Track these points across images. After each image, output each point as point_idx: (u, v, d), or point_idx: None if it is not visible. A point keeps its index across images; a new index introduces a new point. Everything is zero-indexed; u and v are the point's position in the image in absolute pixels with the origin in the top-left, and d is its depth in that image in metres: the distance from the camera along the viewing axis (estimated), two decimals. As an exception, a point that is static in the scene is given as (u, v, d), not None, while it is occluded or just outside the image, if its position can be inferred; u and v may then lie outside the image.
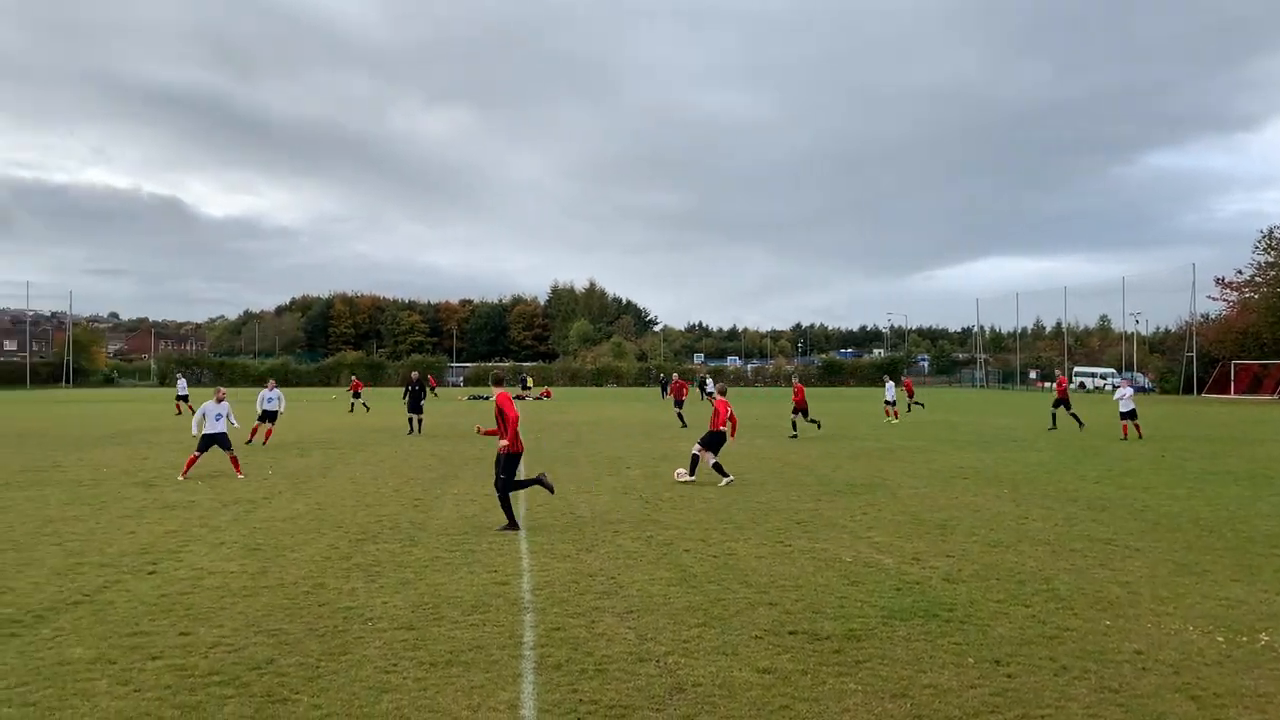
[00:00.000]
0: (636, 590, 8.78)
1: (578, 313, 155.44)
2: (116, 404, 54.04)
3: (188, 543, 11.15)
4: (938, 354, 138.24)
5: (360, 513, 13.43)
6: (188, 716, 5.61)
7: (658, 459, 21.42)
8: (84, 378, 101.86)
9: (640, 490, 15.91)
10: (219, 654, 6.83)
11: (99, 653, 6.85)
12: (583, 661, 6.66)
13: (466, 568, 9.75)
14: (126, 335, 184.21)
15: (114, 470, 18.91)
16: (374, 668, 6.52)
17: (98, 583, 9.07)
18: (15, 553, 10.53)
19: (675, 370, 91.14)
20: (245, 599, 8.47)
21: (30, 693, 6.00)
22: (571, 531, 11.91)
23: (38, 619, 7.79)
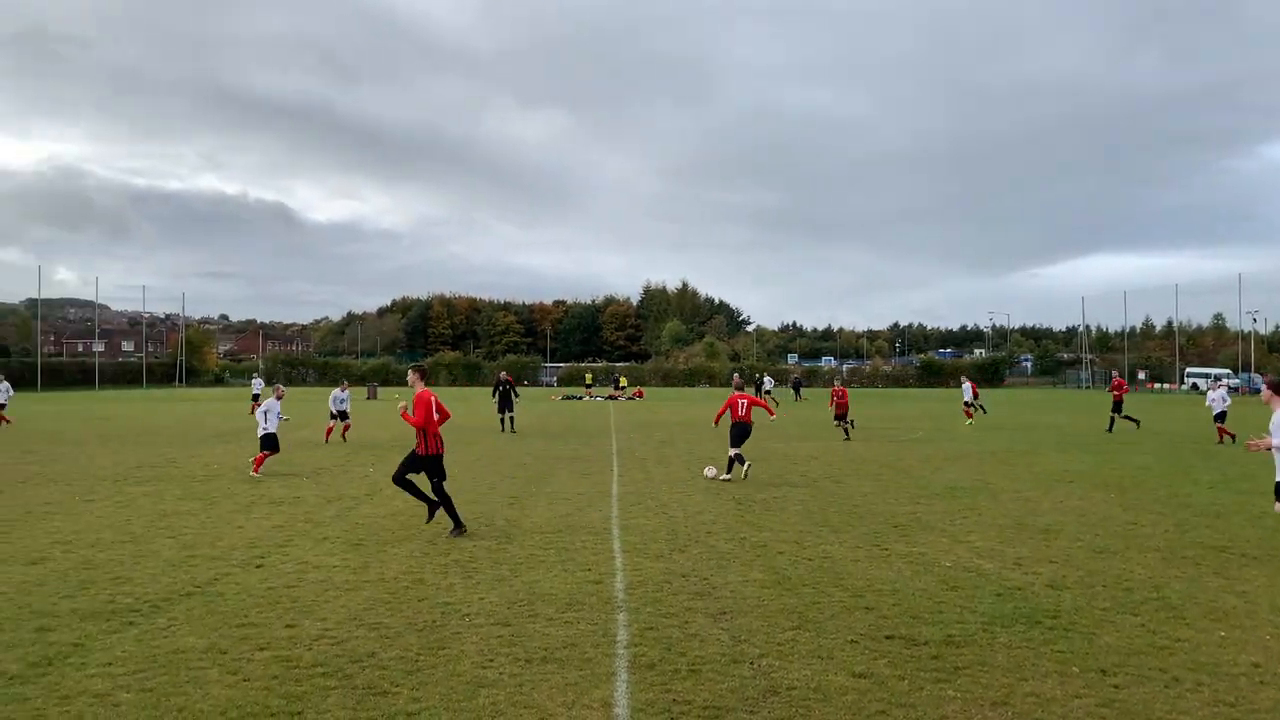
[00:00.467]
0: (730, 592, 8.74)
1: (670, 313, 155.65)
2: (226, 403, 56.07)
3: (293, 537, 11.50)
4: (1041, 354, 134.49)
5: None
6: (293, 706, 5.78)
7: (751, 459, 21.29)
8: (196, 377, 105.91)
9: (733, 491, 15.84)
10: (323, 646, 7.02)
11: (210, 642, 7.11)
12: (676, 662, 6.66)
13: (560, 566, 9.84)
14: (236, 336, 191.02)
15: (224, 467, 19.62)
16: (471, 663, 6.62)
17: (209, 575, 9.42)
18: (133, 545, 11.01)
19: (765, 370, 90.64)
20: (347, 593, 8.70)
21: (147, 679, 6.27)
22: (664, 532, 11.92)
23: (154, 608, 8.12)
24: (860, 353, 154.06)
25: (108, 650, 6.89)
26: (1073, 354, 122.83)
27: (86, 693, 5.98)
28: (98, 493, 15.55)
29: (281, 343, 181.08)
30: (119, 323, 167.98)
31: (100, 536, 11.52)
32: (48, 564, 9.90)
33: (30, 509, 13.75)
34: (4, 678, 6.25)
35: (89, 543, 11.11)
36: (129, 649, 6.93)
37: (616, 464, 20.43)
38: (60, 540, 11.26)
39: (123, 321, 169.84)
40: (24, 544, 11.02)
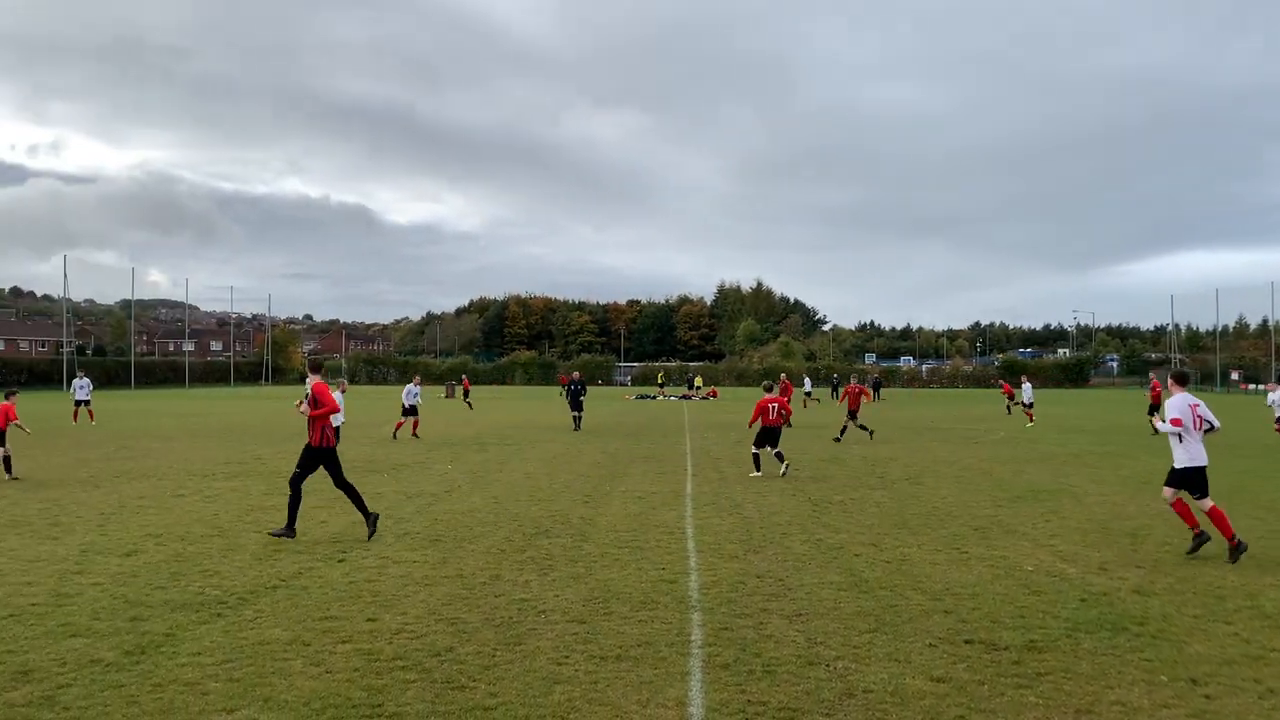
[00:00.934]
0: (805, 593, 8.68)
1: (744, 312, 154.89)
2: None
3: (374, 532, 11.71)
4: (1128, 354, 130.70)
5: (534, 507, 13.80)
6: (374, 699, 5.89)
7: (827, 461, 21.12)
8: (281, 375, 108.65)
9: (809, 493, 15.72)
10: (402, 640, 7.15)
11: (294, 634, 7.29)
12: (751, 662, 6.64)
13: (635, 564, 9.87)
14: (320, 336, 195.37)
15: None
16: (547, 659, 6.68)
17: (293, 568, 9.66)
18: (221, 539, 11.34)
19: (840, 370, 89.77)
20: (426, 588, 8.84)
21: (235, 669, 6.45)
22: (739, 532, 11.88)
23: (241, 601, 8.36)
24: (940, 352, 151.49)
25: (197, 640, 7.11)
26: (1161, 354, 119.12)
27: (177, 681, 6.18)
28: (187, 488, 16.06)
29: (363, 342, 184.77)
30: (208, 323, 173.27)
31: (190, 530, 11.90)
32: (141, 556, 10.26)
33: (124, 503, 14.26)
34: (101, 665, 6.50)
35: (179, 536, 11.48)
36: (217, 639, 7.15)
37: (690, 464, 20.42)
38: (152, 533, 11.66)
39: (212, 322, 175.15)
40: (119, 536, 11.44)
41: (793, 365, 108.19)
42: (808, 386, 55.93)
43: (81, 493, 15.36)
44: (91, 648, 6.90)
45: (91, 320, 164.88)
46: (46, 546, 10.78)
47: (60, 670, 6.38)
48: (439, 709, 5.71)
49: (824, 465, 20.02)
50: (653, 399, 63.37)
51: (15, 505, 13.90)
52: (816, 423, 35.39)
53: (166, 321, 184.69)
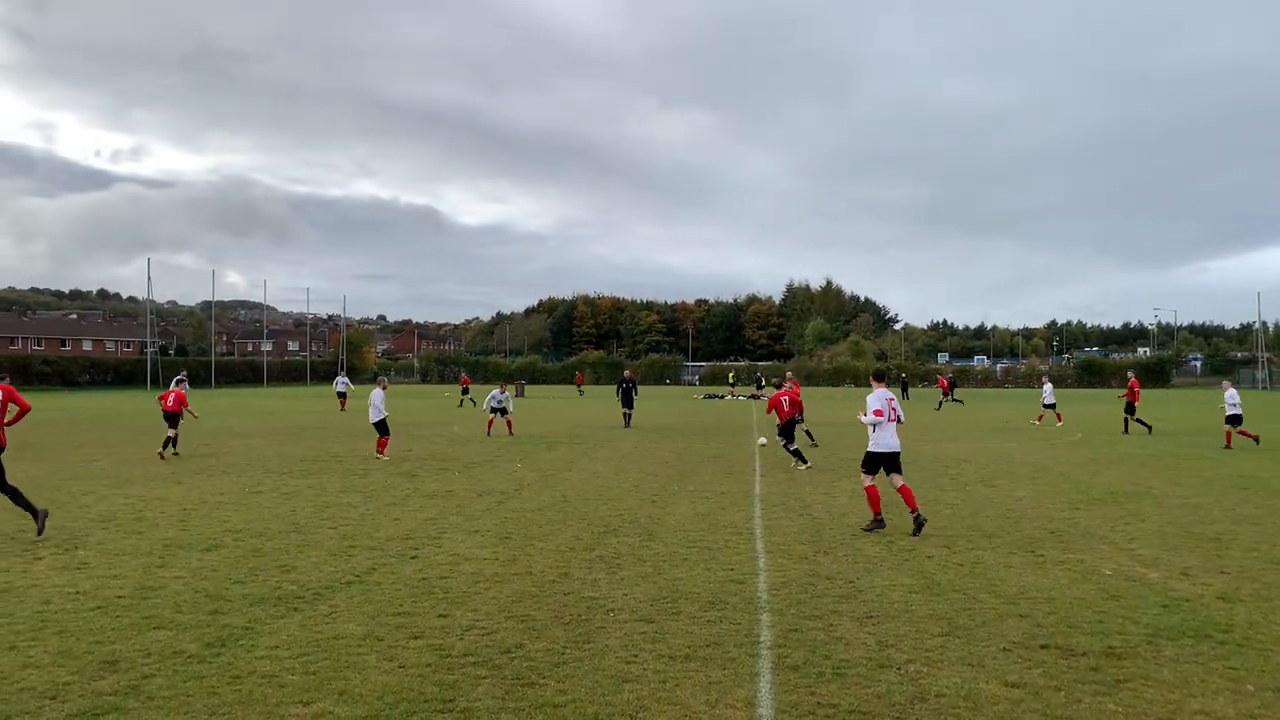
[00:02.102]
0: (876, 595, 8.57)
1: (813, 311, 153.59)
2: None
3: (445, 530, 11.88)
4: (1212, 353, 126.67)
5: (602, 506, 13.85)
6: (445, 694, 5.97)
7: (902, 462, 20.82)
8: (356, 375, 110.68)
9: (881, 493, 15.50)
10: (473, 636, 7.23)
11: (368, 630, 7.42)
12: (820, 664, 6.58)
13: (703, 564, 9.85)
14: (393, 335, 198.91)
15: (382, 461, 20.43)
16: (616, 658, 6.70)
17: (367, 565, 9.84)
18: (298, 535, 11.59)
19: (906, 370, 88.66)
20: (497, 585, 8.93)
21: (311, 662, 6.59)
22: (808, 533, 11.78)
23: (316, 596, 8.53)
24: (1015, 351, 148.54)
25: (275, 634, 7.27)
26: (1247, 352, 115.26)
27: (256, 673, 6.34)
28: (265, 484, 16.45)
29: (435, 341, 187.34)
30: (285, 323, 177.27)
31: (268, 526, 12.18)
32: (221, 551, 10.53)
33: (205, 498, 14.65)
34: (183, 656, 6.69)
35: (257, 532, 11.76)
36: (294, 633, 7.31)
37: (759, 464, 20.31)
38: (231, 529, 11.96)
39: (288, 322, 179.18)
40: (200, 532, 11.76)
41: (863, 365, 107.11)
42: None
43: (164, 489, 15.82)
44: (174, 639, 7.10)
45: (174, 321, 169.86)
46: (131, 541, 11.13)
47: (145, 660, 6.58)
48: (509, 705, 5.76)
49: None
50: (721, 399, 63.19)
51: (102, 501, 14.37)
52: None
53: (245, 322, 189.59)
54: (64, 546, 10.71)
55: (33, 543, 10.92)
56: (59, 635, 7.19)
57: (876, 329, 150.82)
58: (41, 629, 7.36)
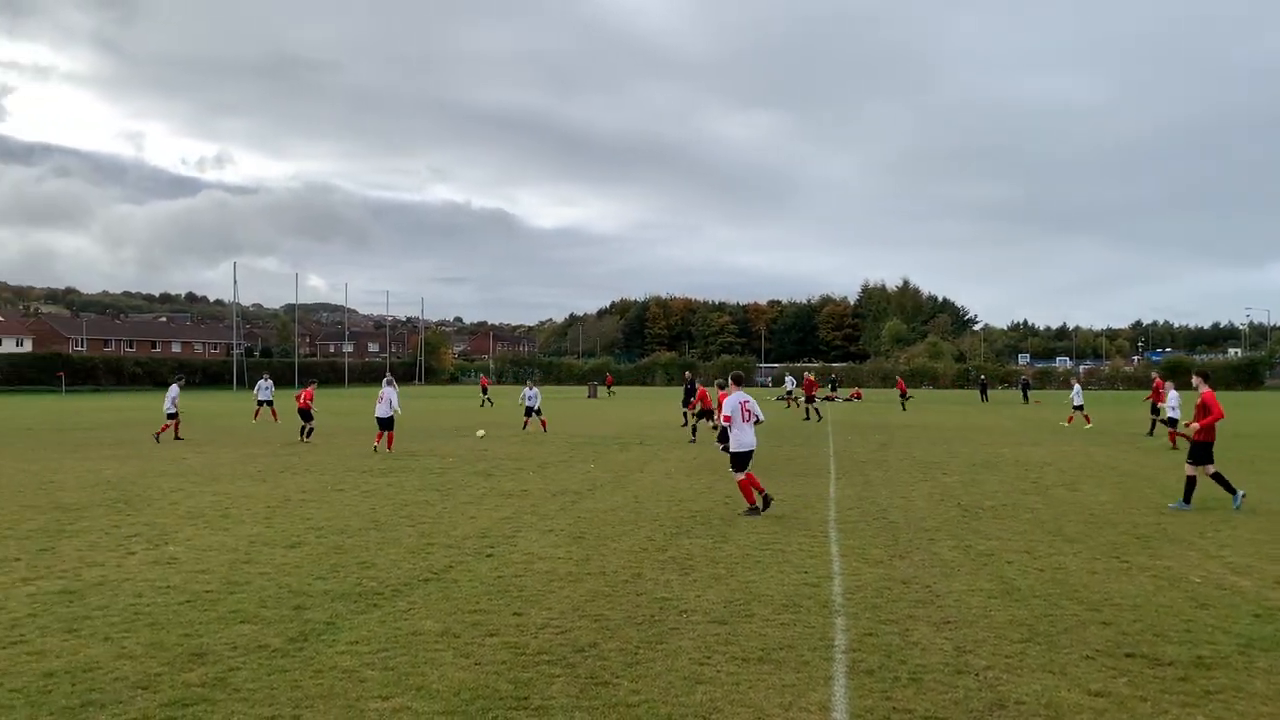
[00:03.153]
0: (954, 600, 8.44)
1: (890, 312, 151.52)
2: (460, 400, 59.21)
3: (520, 529, 12.01)
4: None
5: (674, 508, 13.86)
6: (520, 691, 6.03)
7: (977, 465, 20.47)
8: (433, 376, 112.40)
9: (958, 497, 15.27)
10: (548, 635, 7.30)
11: (445, 626, 7.54)
12: (896, 669, 6.49)
13: (777, 567, 9.79)
14: (469, 337, 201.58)
15: (458, 460, 20.73)
16: (689, 659, 6.70)
17: (444, 562, 9.99)
18: (378, 532, 11.82)
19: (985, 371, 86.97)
20: (571, 584, 8.99)
21: (390, 658, 6.72)
22: (884, 536, 11.64)
23: (395, 592, 8.69)
24: (1098, 352, 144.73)
25: (355, 629, 7.43)
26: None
27: (336, 668, 6.48)
28: (346, 483, 16.80)
29: (510, 343, 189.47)
30: (365, 325, 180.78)
31: (349, 523, 12.44)
32: (304, 548, 10.79)
33: (289, 496, 15.02)
34: (268, 650, 6.87)
35: (338, 529, 12.02)
36: (373, 629, 7.45)
37: (834, 466, 20.12)
38: (314, 526, 12.24)
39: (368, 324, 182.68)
40: (284, 529, 12.06)
41: (941, 367, 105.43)
42: (789, 386, 53.88)
43: (250, 486, 16.26)
44: (259, 633, 7.30)
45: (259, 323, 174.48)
46: (218, 537, 11.46)
47: (231, 653, 6.77)
48: (583, 704, 5.80)
49: (974, 470, 19.41)
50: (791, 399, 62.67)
51: (191, 498, 14.83)
52: (983, 424, 34.34)
53: (327, 324, 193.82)
54: (155, 542, 11.08)
55: (126, 538, 11.31)
56: (150, 627, 7.44)
57: (955, 330, 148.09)
58: (134, 621, 7.63)
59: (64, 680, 6.16)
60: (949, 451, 23.67)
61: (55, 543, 10.98)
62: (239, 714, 5.60)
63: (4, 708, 5.66)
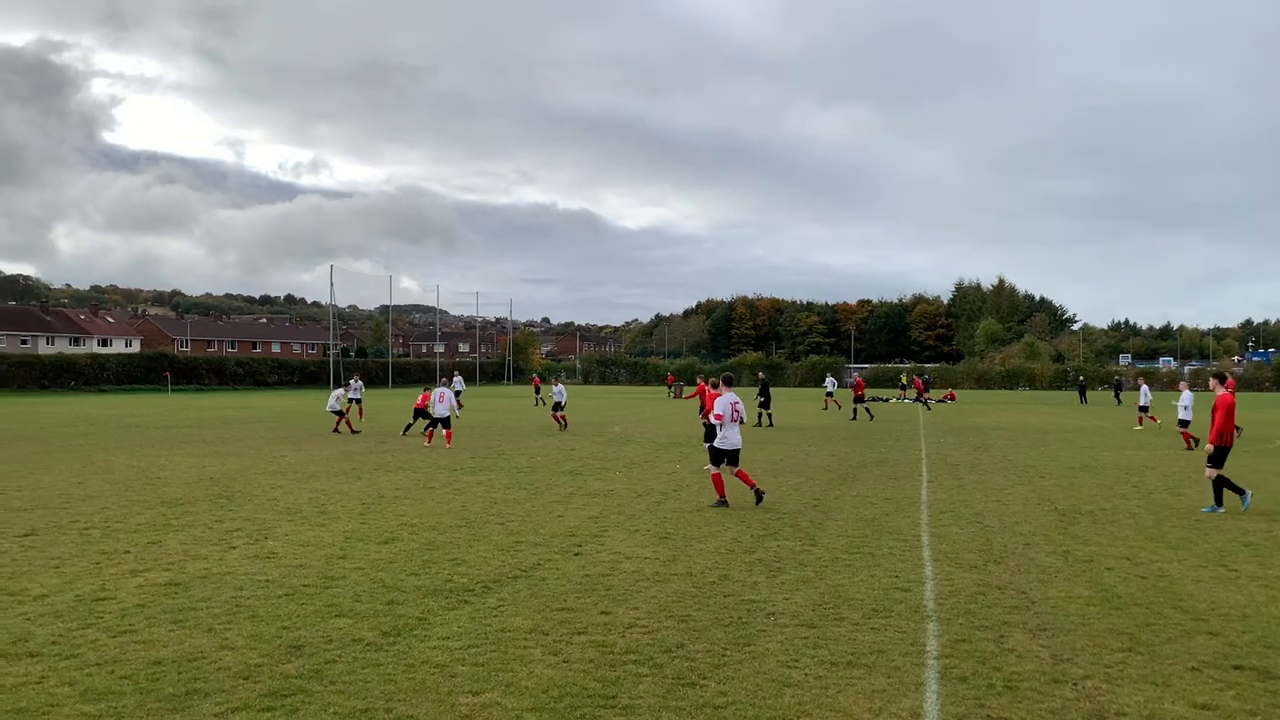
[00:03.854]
0: (1051, 607, 8.21)
1: (984, 311, 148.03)
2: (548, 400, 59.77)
3: (607, 528, 12.07)
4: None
5: (761, 509, 13.77)
6: (608, 690, 6.06)
7: (1076, 468, 19.89)
8: (521, 376, 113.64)
9: (1055, 501, 14.86)
10: (635, 634, 7.32)
11: (534, 624, 7.62)
12: (990, 676, 6.34)
13: (867, 570, 9.66)
14: (556, 337, 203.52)
15: (546, 460, 20.94)
16: (776, 661, 6.65)
17: (532, 560, 10.09)
18: (468, 529, 12.01)
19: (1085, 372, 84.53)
20: (657, 584, 9.00)
21: (480, 654, 6.81)
22: (978, 541, 11.39)
23: (485, 589, 8.82)
24: (1204, 353, 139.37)
25: (446, 625, 7.56)
26: None
27: (428, 662, 6.60)
28: (437, 480, 17.10)
29: (596, 343, 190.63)
30: (456, 326, 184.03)
31: (440, 520, 12.67)
32: (397, 544, 11.02)
33: (383, 494, 15.36)
34: (362, 644, 7.03)
35: (430, 526, 12.25)
36: (464, 625, 7.57)
37: (926, 469, 19.77)
38: (407, 523, 12.50)
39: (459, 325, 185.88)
40: (377, 525, 12.33)
41: (1038, 368, 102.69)
42: (829, 387, 50.92)
43: (345, 484, 16.68)
44: (354, 627, 7.47)
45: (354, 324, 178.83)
46: (315, 533, 11.78)
47: (327, 646, 6.95)
48: (670, 704, 5.80)
49: (1073, 473, 18.86)
50: (885, 401, 61.81)
51: (289, 494, 15.26)
52: (1082, 427, 33.43)
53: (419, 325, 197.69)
54: (255, 537, 11.44)
55: (228, 532, 11.70)
56: (251, 620, 7.68)
57: (1052, 329, 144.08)
58: (236, 613, 7.88)
59: (170, 669, 6.39)
60: (1046, 454, 23.05)
61: (162, 536, 11.42)
62: (334, 706, 5.74)
63: (115, 694, 5.90)
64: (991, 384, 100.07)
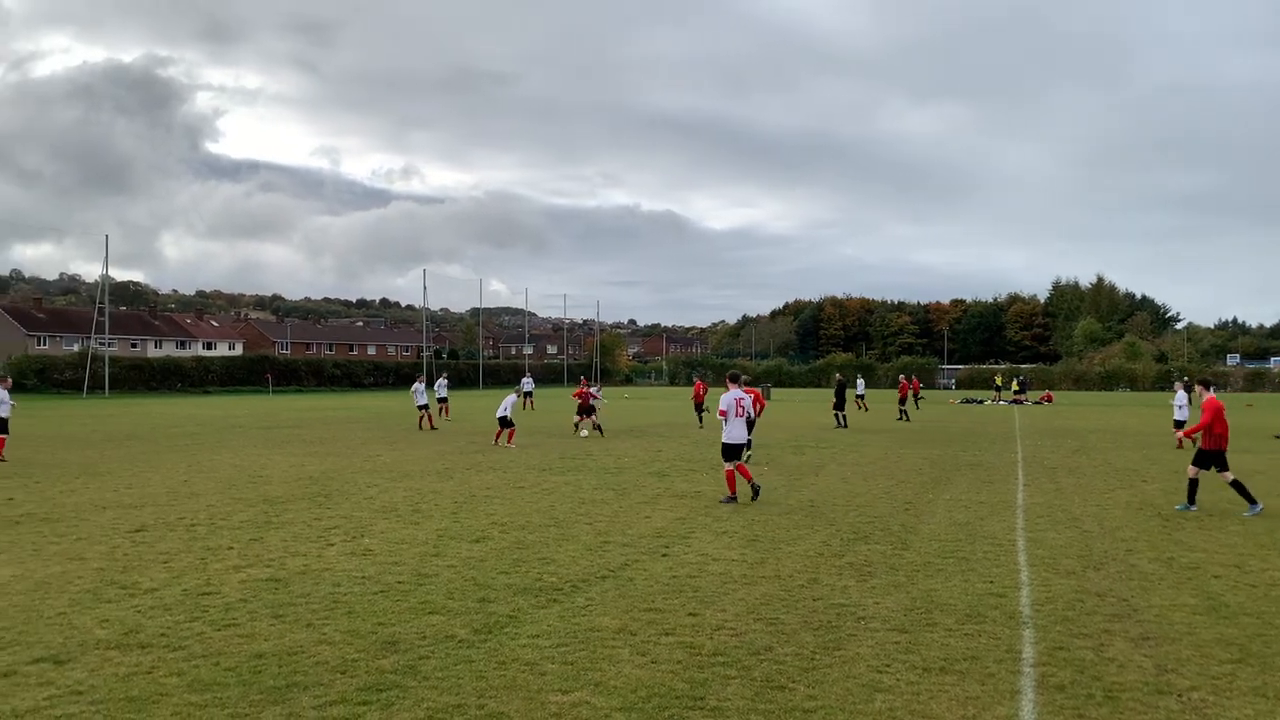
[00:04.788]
0: (1154, 615, 7.94)
1: (1083, 310, 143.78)
2: (634, 401, 59.98)
3: (694, 530, 12.07)
4: None
5: (851, 513, 13.61)
6: (696, 691, 6.06)
7: (1180, 472, 19.16)
8: (608, 377, 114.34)
9: (1159, 505, 14.37)
10: (722, 636, 7.30)
11: (622, 624, 7.66)
12: (1090, 686, 6.16)
13: (960, 575, 9.47)
14: (643, 339, 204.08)
15: (633, 460, 21.02)
16: (867, 666, 6.57)
17: (620, 560, 10.15)
18: (556, 529, 12.13)
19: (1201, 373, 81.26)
20: (745, 587, 8.97)
21: (569, 653, 6.88)
22: (1076, 546, 11.07)
23: (574, 588, 8.89)
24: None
25: (536, 623, 7.65)
26: None
27: (519, 660, 6.69)
28: (527, 481, 17.31)
29: (682, 345, 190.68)
30: (544, 328, 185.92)
31: (529, 520, 12.82)
32: (488, 543, 11.19)
33: (474, 493, 15.61)
34: (455, 641, 7.16)
35: (520, 525, 12.40)
36: (553, 624, 7.65)
37: (1022, 473, 19.29)
38: (497, 522, 12.68)
39: (547, 327, 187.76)
40: (469, 524, 12.54)
41: (1140, 368, 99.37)
42: (860, 389, 48.89)
43: (438, 483, 16.99)
44: (447, 624, 7.61)
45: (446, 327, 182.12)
46: (409, 531, 12.03)
47: (421, 643, 7.10)
48: (759, 707, 5.78)
49: (1177, 477, 18.19)
50: (980, 403, 60.50)
51: (384, 493, 15.62)
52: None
53: (509, 327, 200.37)
54: (352, 534, 11.73)
55: (326, 530, 12.03)
56: (348, 615, 7.89)
57: (1155, 329, 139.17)
58: (333, 609, 8.10)
59: (272, 662, 6.60)
60: (1148, 457, 22.29)
61: (263, 533, 11.79)
62: (428, 701, 5.85)
63: (220, 685, 6.12)
64: (1090, 385, 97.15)
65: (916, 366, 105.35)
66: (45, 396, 63.74)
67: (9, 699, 5.86)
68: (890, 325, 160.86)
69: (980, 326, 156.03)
